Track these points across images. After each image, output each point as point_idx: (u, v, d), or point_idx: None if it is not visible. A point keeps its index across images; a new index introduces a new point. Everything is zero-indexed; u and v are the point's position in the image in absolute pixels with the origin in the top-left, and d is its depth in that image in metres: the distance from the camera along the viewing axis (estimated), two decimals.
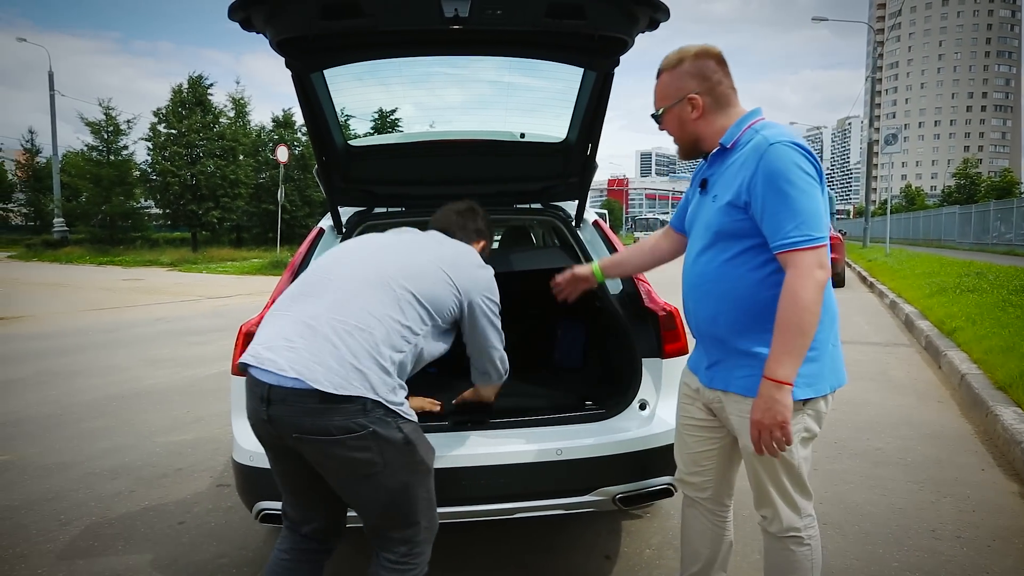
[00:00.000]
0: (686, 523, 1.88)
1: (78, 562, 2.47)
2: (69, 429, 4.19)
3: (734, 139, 1.57)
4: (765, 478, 1.60)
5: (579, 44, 2.03)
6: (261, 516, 1.98)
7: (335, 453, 1.46)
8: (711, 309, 1.59)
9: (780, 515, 1.61)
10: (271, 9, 1.77)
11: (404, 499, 1.54)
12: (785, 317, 1.41)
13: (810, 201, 1.43)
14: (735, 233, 1.53)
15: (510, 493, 1.97)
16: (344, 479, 1.53)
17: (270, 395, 1.46)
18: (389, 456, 1.49)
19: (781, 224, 1.43)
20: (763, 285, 1.51)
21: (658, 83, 1.66)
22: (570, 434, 2.05)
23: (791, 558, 1.62)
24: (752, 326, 1.52)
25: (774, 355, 1.43)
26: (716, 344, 1.62)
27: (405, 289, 1.61)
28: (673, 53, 1.64)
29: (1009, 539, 2.53)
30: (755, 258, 1.51)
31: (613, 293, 2.36)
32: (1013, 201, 23.80)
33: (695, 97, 1.59)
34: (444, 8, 1.76)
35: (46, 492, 3.15)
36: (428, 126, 3.56)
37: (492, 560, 2.42)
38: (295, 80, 2.09)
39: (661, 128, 1.69)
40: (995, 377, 4.44)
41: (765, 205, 1.45)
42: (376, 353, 1.50)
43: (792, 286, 1.41)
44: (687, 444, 1.80)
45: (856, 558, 2.40)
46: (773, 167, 1.44)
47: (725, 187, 1.55)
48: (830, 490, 3.03)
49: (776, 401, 1.41)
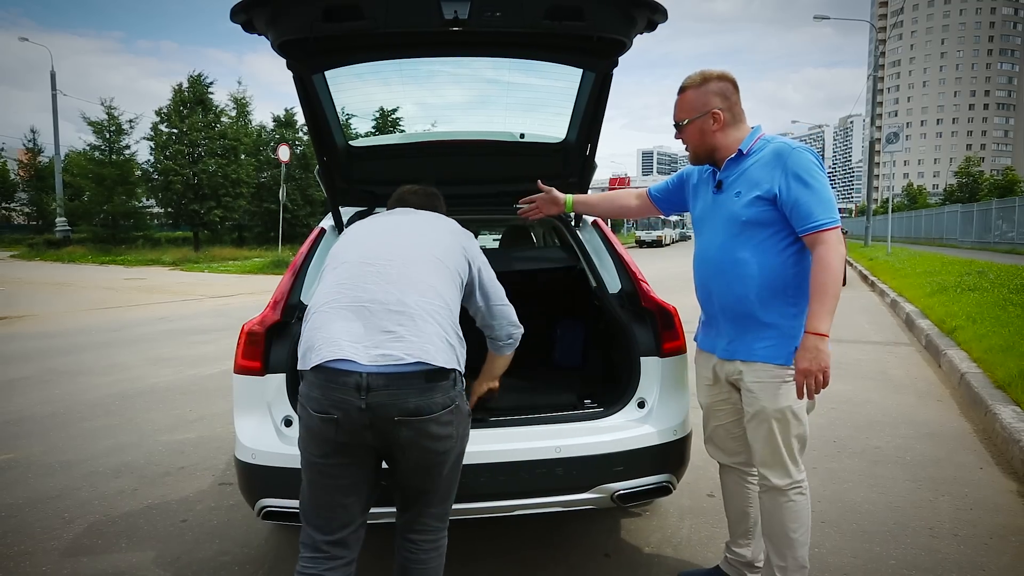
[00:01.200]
0: (727, 489, 2.15)
1: (82, 560, 2.49)
2: (73, 428, 4.22)
3: (749, 147, 1.89)
4: (779, 436, 1.87)
5: (578, 45, 2.05)
6: (263, 513, 2.01)
7: (430, 431, 1.55)
8: (741, 288, 1.86)
9: (788, 470, 1.90)
10: (272, 12, 1.78)
11: (456, 471, 1.69)
12: (821, 282, 1.72)
13: (828, 192, 1.78)
14: (762, 222, 1.83)
15: (509, 491, 1.99)
16: (424, 459, 1.59)
17: (370, 383, 1.49)
18: (461, 429, 1.64)
19: (811, 211, 1.76)
20: (786, 264, 1.83)
21: (683, 97, 1.93)
22: (569, 432, 2.07)
23: (794, 507, 1.90)
24: (776, 300, 1.83)
25: (815, 314, 1.73)
26: (741, 320, 1.88)
27: (446, 265, 1.72)
28: (696, 73, 1.93)
29: (1006, 537, 2.54)
30: (779, 243, 1.83)
31: (612, 292, 2.38)
32: (1015, 200, 23.74)
33: (718, 112, 1.89)
34: (444, 10, 1.78)
35: (50, 490, 3.18)
36: (429, 126, 3.57)
37: (493, 557, 2.44)
38: (296, 81, 2.11)
39: (680, 136, 1.96)
40: (994, 376, 4.45)
41: (796, 197, 1.77)
42: (454, 327, 1.64)
43: (825, 258, 1.73)
44: (716, 418, 2.07)
45: (853, 556, 2.42)
46: (798, 167, 1.79)
47: (749, 185, 1.85)
48: (828, 489, 3.04)
49: (820, 351, 1.71)
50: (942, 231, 30.78)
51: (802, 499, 1.92)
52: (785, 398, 1.84)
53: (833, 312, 1.73)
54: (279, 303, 2.18)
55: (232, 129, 28.58)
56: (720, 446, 2.10)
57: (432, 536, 1.71)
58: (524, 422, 2.10)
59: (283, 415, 2.08)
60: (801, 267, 1.84)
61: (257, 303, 9.23)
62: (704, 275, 1.97)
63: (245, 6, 1.75)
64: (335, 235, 2.48)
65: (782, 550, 1.93)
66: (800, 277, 1.83)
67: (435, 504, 1.70)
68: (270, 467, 1.98)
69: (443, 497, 1.71)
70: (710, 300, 1.98)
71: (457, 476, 1.71)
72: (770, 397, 1.85)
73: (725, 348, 1.94)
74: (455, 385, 1.59)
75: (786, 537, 1.91)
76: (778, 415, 1.86)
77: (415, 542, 1.69)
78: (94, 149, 27.45)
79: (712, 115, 1.88)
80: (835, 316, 1.76)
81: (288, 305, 2.18)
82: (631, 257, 2.49)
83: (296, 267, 2.32)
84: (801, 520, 1.92)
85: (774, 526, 1.93)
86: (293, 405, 2.08)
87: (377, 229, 1.83)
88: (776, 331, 1.83)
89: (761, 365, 1.86)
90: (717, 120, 1.89)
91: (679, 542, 2.54)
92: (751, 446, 1.95)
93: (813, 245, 1.76)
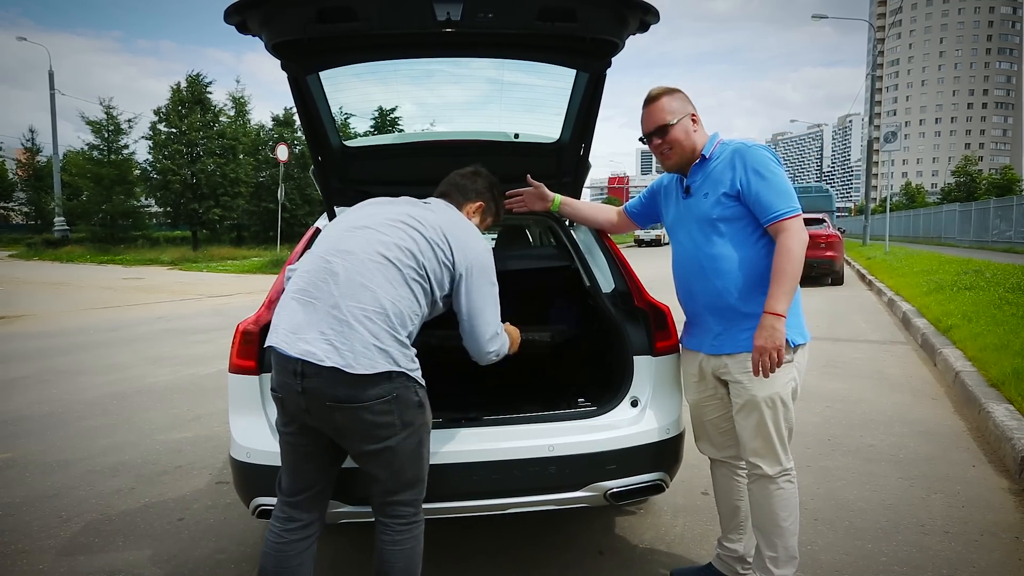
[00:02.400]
0: (718, 483, 2.21)
1: (79, 558, 2.50)
2: (70, 427, 4.23)
3: (711, 151, 2.02)
4: (769, 422, 1.94)
5: (570, 46, 2.06)
6: (258, 512, 2.02)
7: (364, 418, 1.63)
8: (721, 283, 1.95)
9: (778, 457, 1.96)
10: (266, 13, 1.80)
11: (417, 458, 1.73)
12: (782, 267, 1.84)
13: (786, 183, 1.92)
14: (730, 218, 1.94)
15: (503, 489, 2.01)
16: (367, 444, 1.67)
17: (304, 370, 1.61)
18: (407, 417, 1.68)
19: (771, 202, 1.88)
20: (759, 255, 1.93)
21: (658, 104, 2.01)
22: (562, 431, 2.08)
23: (783, 495, 1.97)
24: (755, 290, 1.92)
25: (773, 296, 1.84)
26: (724, 313, 1.97)
27: (409, 266, 1.72)
28: (657, 87, 2.04)
29: (997, 534, 2.56)
30: (750, 236, 1.94)
31: (605, 292, 2.39)
32: (1013, 199, 23.78)
33: (694, 114, 2.04)
34: (436, 11, 1.79)
35: (47, 489, 3.19)
36: (425, 126, 3.58)
37: (487, 555, 2.46)
38: (291, 82, 2.12)
39: (666, 138, 2.00)
40: (988, 375, 4.47)
41: (756, 190, 1.89)
42: (394, 331, 1.66)
43: (787, 244, 1.85)
44: (705, 414, 2.14)
45: (845, 553, 2.44)
46: (756, 162, 1.91)
47: (714, 185, 1.97)
48: (822, 487, 3.06)
49: (776, 329, 1.82)
50: (940, 230, 30.83)
51: (791, 487, 1.98)
52: (773, 384, 1.91)
53: (790, 295, 1.85)
54: (274, 302, 2.19)
55: (231, 128, 28.59)
56: (710, 441, 2.16)
57: (403, 520, 1.74)
58: (517, 420, 2.12)
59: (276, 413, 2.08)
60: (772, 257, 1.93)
61: (256, 302, 9.23)
62: (685, 276, 2.07)
63: (239, 7, 1.76)
64: None
65: (772, 540, 1.97)
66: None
67: (400, 491, 1.73)
68: (264, 466, 1.99)
69: (406, 484, 1.73)
70: (693, 299, 2.06)
71: (419, 464, 1.73)
72: (758, 384, 1.92)
73: (711, 344, 2.01)
74: (392, 379, 1.63)
75: (776, 526, 1.96)
76: (768, 401, 1.92)
77: (387, 524, 1.75)
78: (92, 149, 27.44)
79: (691, 116, 2.02)
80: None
81: None
82: (625, 257, 2.50)
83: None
84: (790, 508, 1.97)
85: (764, 515, 1.98)
86: None
87: (350, 220, 1.83)
88: (756, 320, 1.90)
89: (746, 355, 1.93)
90: (695, 121, 2.04)
91: (672, 540, 2.56)
92: (740, 438, 2.00)
93: (777, 234, 1.88)
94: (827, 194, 27.78)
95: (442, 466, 1.95)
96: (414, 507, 1.77)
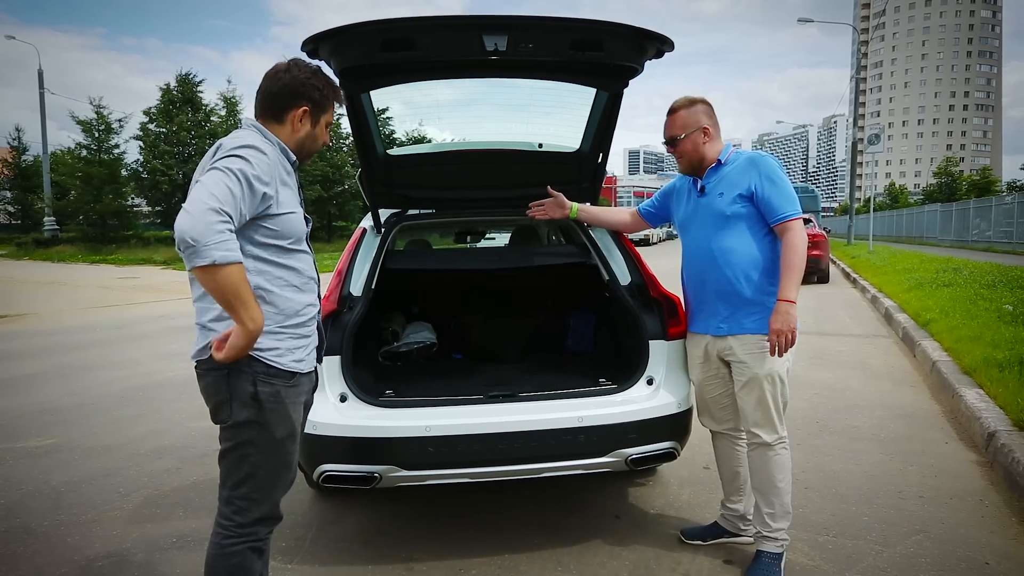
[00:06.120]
0: (719, 452, 2.51)
1: (147, 526, 2.76)
2: (103, 416, 4.45)
3: (726, 158, 2.32)
4: (769, 399, 2.24)
5: (596, 71, 2.36)
6: (323, 478, 2.28)
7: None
8: (731, 273, 2.24)
9: (776, 427, 2.27)
10: (337, 42, 2.07)
11: (235, 461, 1.65)
12: (791, 261, 2.17)
13: (791, 189, 2.25)
14: (742, 216, 2.24)
15: (540, 455, 2.29)
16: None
17: None
18: (245, 415, 1.60)
19: (780, 205, 2.20)
20: (764, 250, 2.24)
21: (676, 116, 2.32)
22: (589, 405, 2.38)
23: (780, 459, 2.28)
24: (759, 279, 2.23)
25: (784, 285, 2.15)
26: (731, 299, 2.25)
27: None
28: (684, 98, 2.34)
29: (964, 497, 2.90)
30: (757, 232, 2.25)
31: (623, 284, 2.69)
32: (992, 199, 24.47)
33: (707, 128, 2.31)
34: (485, 43, 2.07)
35: (99, 470, 3.43)
36: (459, 136, 3.88)
37: (514, 520, 2.75)
38: (347, 100, 2.39)
39: (675, 149, 2.34)
40: (962, 363, 4.84)
41: (768, 194, 2.21)
42: (203, 311, 1.69)
43: (793, 241, 2.18)
44: (707, 392, 2.42)
45: (832, 514, 2.76)
46: (768, 170, 2.24)
47: (731, 187, 2.26)
48: (811, 461, 3.39)
49: (790, 314, 2.12)
50: (923, 230, 31.55)
51: (785, 453, 2.30)
52: (772, 362, 2.22)
53: (799, 284, 2.16)
54: (333, 295, 2.47)
55: (222, 128, 28.53)
56: (711, 416, 2.46)
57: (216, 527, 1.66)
58: (550, 397, 2.41)
59: (339, 392, 2.36)
60: (776, 252, 2.24)
61: None
62: (698, 266, 2.34)
63: (315, 38, 2.04)
64: (375, 235, 2.77)
65: (770, 498, 2.28)
66: (775, 261, 2.23)
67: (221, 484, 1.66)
68: (329, 436, 2.26)
69: (222, 479, 1.66)
70: (704, 286, 2.33)
71: (237, 467, 1.63)
72: (759, 363, 2.23)
73: (719, 326, 2.29)
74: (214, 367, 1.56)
75: (774, 487, 2.27)
76: (768, 377, 2.23)
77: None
78: (81, 147, 27.29)
79: (703, 130, 2.30)
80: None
81: (341, 296, 2.47)
82: (639, 253, 2.81)
83: (344, 265, 2.61)
84: (785, 471, 2.29)
85: (763, 478, 2.29)
86: (347, 384, 2.37)
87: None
88: (761, 307, 2.21)
89: (749, 336, 2.23)
90: (707, 134, 2.30)
91: (680, 506, 2.87)
92: (742, 411, 2.30)
93: (783, 232, 2.20)
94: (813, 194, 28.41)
95: (485, 436, 2.24)
96: (227, 510, 1.67)
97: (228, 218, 1.43)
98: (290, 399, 1.66)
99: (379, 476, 2.23)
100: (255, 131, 1.66)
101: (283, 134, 1.69)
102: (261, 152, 1.56)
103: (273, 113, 1.68)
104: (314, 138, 1.73)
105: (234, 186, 1.46)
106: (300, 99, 1.67)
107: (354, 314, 2.44)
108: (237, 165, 1.49)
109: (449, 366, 3.30)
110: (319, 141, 1.75)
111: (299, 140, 1.71)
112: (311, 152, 1.77)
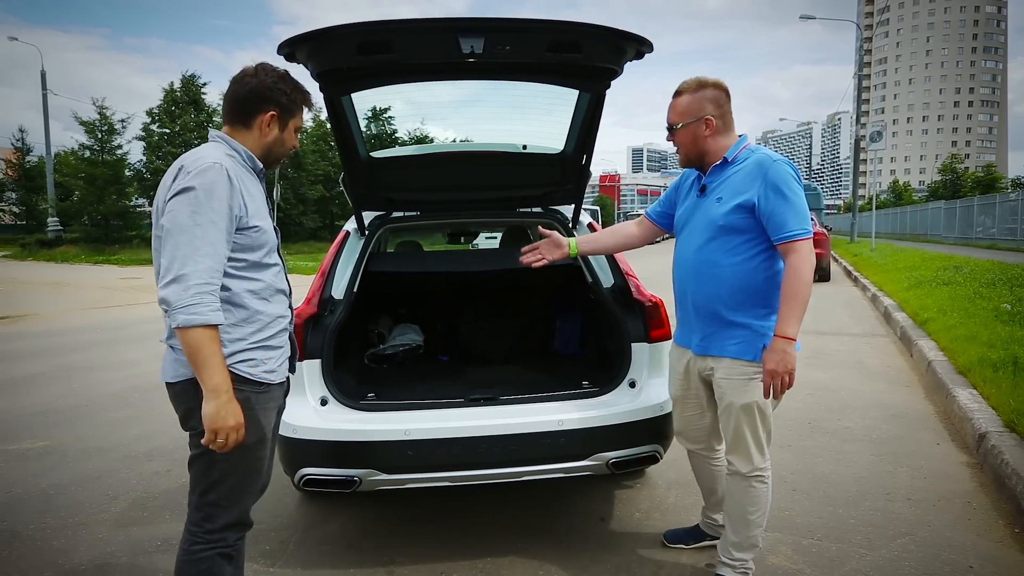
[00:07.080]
0: (696, 470, 2.39)
1: (132, 529, 2.77)
2: (98, 418, 4.47)
3: (734, 155, 2.02)
4: (745, 428, 2.02)
5: (575, 72, 2.35)
6: (303, 481, 2.29)
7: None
8: (712, 289, 1.99)
9: (752, 458, 2.05)
10: (313, 46, 2.07)
11: (203, 468, 1.66)
12: (793, 290, 1.86)
13: (803, 204, 1.93)
14: (738, 228, 1.95)
15: (520, 458, 2.29)
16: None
17: None
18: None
19: (786, 221, 1.89)
20: (757, 270, 1.96)
21: (677, 101, 2.03)
22: (570, 408, 2.38)
23: (754, 493, 2.07)
24: (746, 302, 1.96)
25: (784, 318, 1.87)
26: (712, 318, 2.02)
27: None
28: (693, 79, 2.04)
29: (952, 500, 2.89)
30: (751, 249, 1.96)
31: (606, 287, 2.68)
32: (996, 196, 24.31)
33: (711, 119, 2.00)
34: (462, 45, 2.07)
35: (90, 472, 3.44)
36: (444, 137, 3.88)
37: (498, 523, 2.74)
38: (327, 103, 2.39)
39: (673, 138, 2.07)
40: (957, 363, 4.81)
41: (772, 207, 1.90)
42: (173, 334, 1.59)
43: (797, 266, 1.87)
44: (683, 410, 2.27)
45: (819, 516, 2.75)
46: (777, 179, 1.91)
47: (731, 192, 1.97)
48: (801, 463, 3.37)
49: (787, 353, 1.86)
50: (926, 227, 31.36)
51: (762, 487, 2.06)
52: (752, 394, 1.97)
53: (801, 317, 1.87)
54: (313, 298, 2.47)
55: None
56: (686, 435, 2.30)
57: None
58: (531, 400, 2.41)
59: (319, 396, 2.37)
60: (772, 271, 1.96)
61: None
62: (681, 275, 2.12)
63: (291, 41, 2.04)
64: (358, 237, 2.77)
65: (738, 528, 2.11)
66: (770, 281, 1.96)
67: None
68: (309, 440, 2.27)
69: (191, 485, 1.66)
70: (685, 299, 2.11)
71: (206, 473, 1.63)
72: (738, 392, 1.99)
73: (699, 344, 2.08)
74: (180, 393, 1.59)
75: (743, 519, 2.09)
76: (745, 409, 2.00)
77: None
78: (84, 148, 27.40)
79: (705, 121, 1.99)
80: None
81: (321, 300, 2.48)
82: (622, 256, 2.80)
83: (326, 267, 2.61)
84: (759, 505, 2.07)
85: (735, 506, 2.11)
86: (328, 387, 2.37)
87: None
88: (747, 330, 1.96)
89: (731, 361, 1.99)
90: (709, 126, 1.99)
91: (666, 508, 2.86)
92: (723, 431, 2.13)
93: (786, 254, 1.89)
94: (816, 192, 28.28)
95: (465, 439, 2.24)
96: (195, 524, 1.68)
97: (206, 280, 1.48)
98: (260, 405, 1.67)
99: (359, 480, 2.23)
100: (220, 143, 1.67)
101: (251, 139, 1.70)
102: (224, 170, 1.56)
103: (240, 118, 1.68)
104: (282, 142, 1.74)
105: (216, 240, 1.51)
106: (267, 103, 1.67)
107: (335, 317, 2.44)
108: (206, 215, 1.50)
109: (434, 368, 3.30)
110: (287, 145, 1.76)
111: (267, 145, 1.72)
112: (279, 157, 1.77)
